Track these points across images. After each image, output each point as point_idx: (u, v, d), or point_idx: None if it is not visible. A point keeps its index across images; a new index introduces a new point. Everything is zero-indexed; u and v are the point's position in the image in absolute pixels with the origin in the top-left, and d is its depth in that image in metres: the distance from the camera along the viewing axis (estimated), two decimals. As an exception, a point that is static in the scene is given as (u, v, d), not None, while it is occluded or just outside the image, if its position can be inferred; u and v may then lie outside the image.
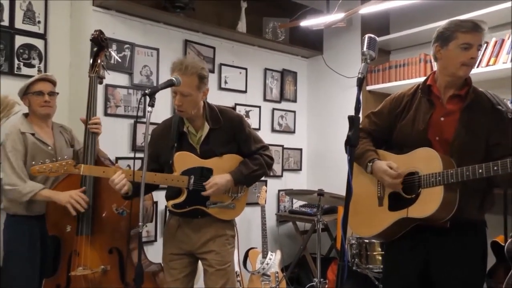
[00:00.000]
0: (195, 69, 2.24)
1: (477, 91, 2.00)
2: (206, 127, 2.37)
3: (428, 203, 1.88)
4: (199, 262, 2.50)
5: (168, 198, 2.42)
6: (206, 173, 2.34)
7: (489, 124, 1.92)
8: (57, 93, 2.77)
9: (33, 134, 2.63)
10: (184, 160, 2.32)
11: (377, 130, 2.18)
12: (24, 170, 2.54)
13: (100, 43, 2.69)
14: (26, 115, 2.73)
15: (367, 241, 3.17)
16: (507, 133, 1.91)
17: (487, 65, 3.34)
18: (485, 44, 3.39)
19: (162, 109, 3.62)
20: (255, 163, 2.42)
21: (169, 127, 2.42)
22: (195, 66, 2.25)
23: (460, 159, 1.87)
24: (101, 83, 2.79)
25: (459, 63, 1.92)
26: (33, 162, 2.33)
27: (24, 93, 2.68)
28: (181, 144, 2.36)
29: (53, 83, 2.76)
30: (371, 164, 2.05)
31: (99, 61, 2.70)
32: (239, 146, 2.45)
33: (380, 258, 3.13)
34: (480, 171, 1.75)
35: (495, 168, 1.72)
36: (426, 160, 1.92)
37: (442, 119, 1.99)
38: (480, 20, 1.93)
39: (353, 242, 3.22)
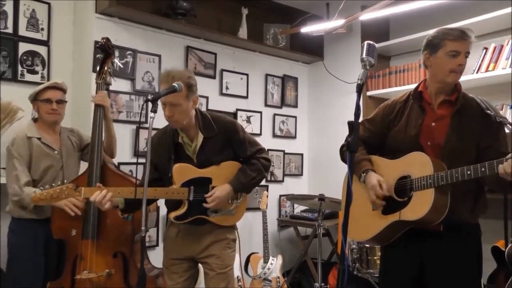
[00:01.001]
0: (182, 78, 2.20)
1: (467, 97, 2.04)
2: (200, 137, 2.35)
3: (419, 206, 1.90)
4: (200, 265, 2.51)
5: (169, 209, 2.42)
6: (205, 182, 2.34)
7: (479, 128, 1.96)
8: (66, 101, 2.80)
9: (39, 139, 2.67)
10: (183, 171, 2.31)
11: (371, 137, 2.21)
12: (27, 175, 2.57)
13: (107, 50, 2.73)
14: (35, 120, 2.77)
15: (367, 245, 3.17)
16: (497, 136, 1.95)
17: (487, 70, 3.35)
18: (484, 50, 3.41)
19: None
20: (253, 169, 2.41)
21: (166, 136, 2.40)
22: (181, 76, 2.22)
23: (451, 163, 1.89)
24: (107, 89, 2.82)
25: (448, 70, 1.96)
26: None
27: (34, 99, 2.72)
28: (178, 155, 2.35)
29: (63, 90, 2.79)
30: (364, 174, 2.09)
31: (106, 68, 2.75)
32: (235, 151, 2.44)
33: (380, 262, 3.14)
34: (469, 172, 1.78)
35: (483, 169, 1.75)
36: (418, 164, 1.95)
37: (433, 124, 2.02)
38: (467, 28, 1.98)
39: (354, 246, 3.23)
